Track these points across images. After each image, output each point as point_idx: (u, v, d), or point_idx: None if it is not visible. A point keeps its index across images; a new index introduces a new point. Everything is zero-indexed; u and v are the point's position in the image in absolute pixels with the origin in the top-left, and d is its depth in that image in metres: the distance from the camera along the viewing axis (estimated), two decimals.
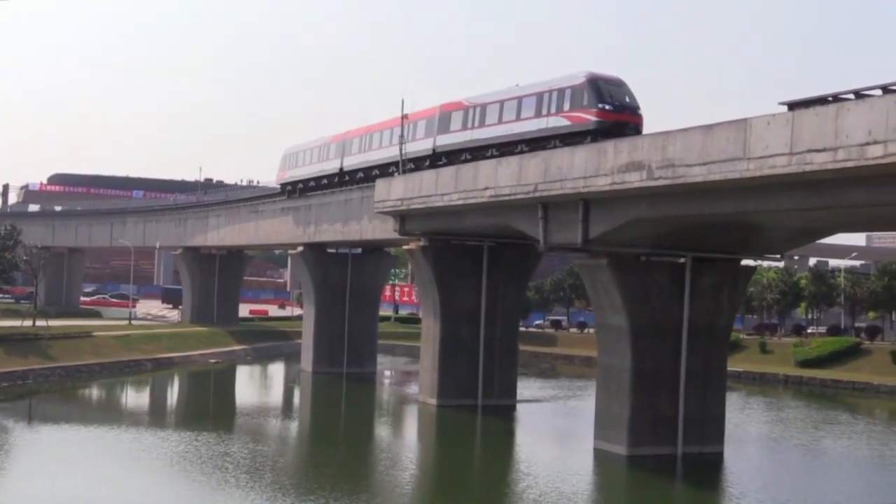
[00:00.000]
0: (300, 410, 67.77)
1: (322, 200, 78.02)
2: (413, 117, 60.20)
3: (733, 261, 49.20)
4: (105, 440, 48.37)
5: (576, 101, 43.85)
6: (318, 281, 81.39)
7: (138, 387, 73.66)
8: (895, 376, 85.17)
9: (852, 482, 46.46)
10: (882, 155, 29.78)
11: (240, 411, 64.23)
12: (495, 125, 50.30)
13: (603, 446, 47.56)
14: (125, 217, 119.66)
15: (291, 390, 77.97)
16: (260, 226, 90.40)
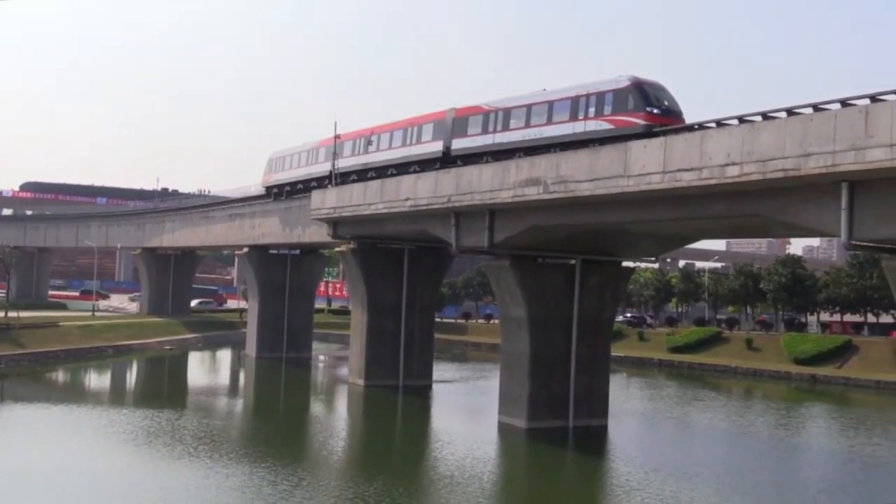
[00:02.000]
0: (245, 390, 67.10)
1: (265, 208, 77.68)
2: (416, 121, 53.82)
3: (616, 262, 49.87)
4: (73, 417, 47.48)
5: (619, 105, 38.92)
6: (262, 278, 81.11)
7: (101, 370, 72.36)
8: (749, 360, 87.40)
9: (715, 448, 47.44)
10: (738, 174, 30.54)
11: (192, 391, 63.47)
12: (521, 129, 44.20)
13: (506, 420, 47.85)
14: (90, 221, 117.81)
15: (237, 373, 77.20)
16: (210, 229, 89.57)
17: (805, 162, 28.46)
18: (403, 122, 55.15)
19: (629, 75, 39.12)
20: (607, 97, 39.26)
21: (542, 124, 42.84)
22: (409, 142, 53.47)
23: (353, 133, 61.05)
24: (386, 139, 56.44)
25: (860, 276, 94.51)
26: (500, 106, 46.07)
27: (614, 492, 35.67)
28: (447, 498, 33.13)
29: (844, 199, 28.63)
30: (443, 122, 50.20)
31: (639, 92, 38.12)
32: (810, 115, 29.57)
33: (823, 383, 79.22)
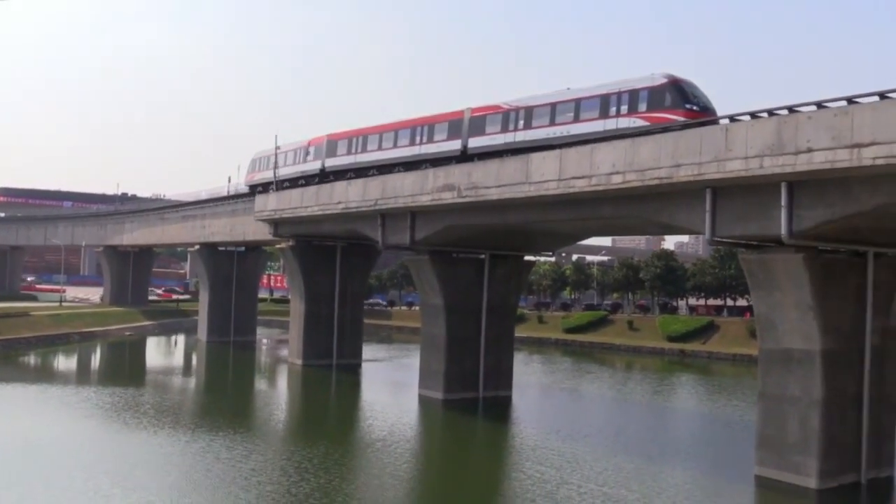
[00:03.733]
0: (198, 369, 65.93)
1: (214, 210, 76.58)
2: (428, 121, 46.79)
3: (519, 257, 50.22)
4: (47, 395, 46.08)
5: (655, 102, 34.28)
6: (212, 272, 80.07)
7: (68, 354, 70.27)
8: (630, 338, 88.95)
9: (604, 412, 48.08)
10: (622, 182, 31.04)
11: (150, 371, 62.20)
12: (546, 127, 38.73)
13: (425, 393, 47.91)
14: (57, 222, 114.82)
15: (190, 355, 75.79)
16: (165, 229, 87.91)
17: (677, 171, 29.05)
18: (411, 122, 48.51)
19: (664, 73, 34.87)
20: (641, 94, 34.88)
21: (568, 122, 37.92)
22: (421, 141, 46.78)
23: (348, 132, 54.16)
24: (390, 138, 49.45)
25: (721, 267, 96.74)
26: (522, 105, 40.87)
27: (518, 450, 35.95)
28: (378, 458, 33.18)
29: (708, 202, 29.27)
30: (459, 121, 44.37)
31: (676, 89, 34.06)
32: (681, 132, 30.20)
33: (691, 357, 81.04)
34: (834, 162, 24.57)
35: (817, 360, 28.48)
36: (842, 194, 26.16)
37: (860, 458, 29.62)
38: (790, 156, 25.65)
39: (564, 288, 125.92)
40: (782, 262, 28.64)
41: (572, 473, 30.66)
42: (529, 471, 31.19)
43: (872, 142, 23.64)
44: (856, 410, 29.64)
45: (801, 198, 26.95)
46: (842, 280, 29.35)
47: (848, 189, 25.98)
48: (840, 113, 24.84)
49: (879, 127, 23.57)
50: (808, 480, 28.22)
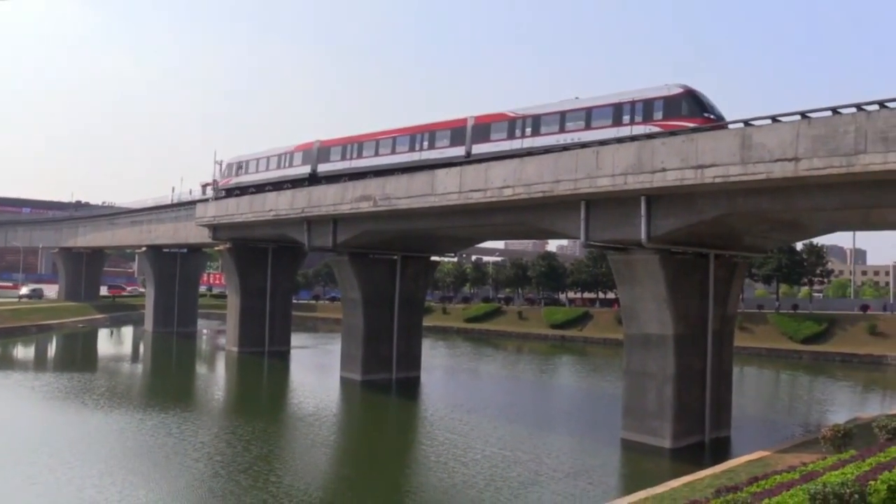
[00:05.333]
0: (145, 356, 63.97)
1: (159, 216, 74.56)
2: (432, 127, 41.77)
3: (426, 257, 50.47)
4: (10, 381, 44.03)
5: (672, 111, 30.72)
6: (157, 270, 78.02)
7: (26, 345, 67.24)
8: (520, 326, 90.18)
9: (498, 389, 48.58)
10: (511, 194, 31.59)
11: (102, 359, 60.00)
12: (555, 134, 34.45)
13: (347, 375, 47.68)
14: (17, 226, 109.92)
15: (138, 344, 73.40)
16: (115, 233, 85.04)
17: (557, 186, 29.76)
18: (410, 129, 43.66)
19: (678, 83, 31.46)
20: (657, 104, 31.34)
21: (579, 129, 33.76)
22: (422, 147, 41.78)
23: (342, 139, 48.65)
24: (388, 145, 44.25)
25: (594, 266, 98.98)
26: (529, 113, 36.50)
27: (429, 421, 36.15)
28: (309, 430, 32.93)
29: (583, 212, 30.08)
30: (462, 128, 39.83)
31: (693, 99, 30.72)
32: (560, 153, 30.87)
33: (570, 341, 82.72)
34: (682, 180, 25.63)
35: (671, 342, 29.55)
36: (688, 206, 27.28)
37: (704, 422, 30.86)
38: (648, 174, 26.63)
39: (465, 284, 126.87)
40: (642, 262, 29.62)
41: (476, 439, 31.05)
42: (440, 438, 31.45)
43: (712, 164, 24.77)
44: (701, 383, 30.86)
45: (657, 209, 27.99)
46: (689, 276, 30.51)
47: (693, 202, 27.11)
48: (687, 140, 25.93)
49: (717, 152, 24.73)
50: (664, 441, 29.25)
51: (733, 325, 34.07)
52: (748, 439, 30.61)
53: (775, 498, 12.08)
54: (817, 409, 43.40)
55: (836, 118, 22.69)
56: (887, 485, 10.98)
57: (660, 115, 30.91)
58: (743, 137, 24.23)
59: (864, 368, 62.18)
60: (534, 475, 25.45)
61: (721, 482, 18.42)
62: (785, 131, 23.37)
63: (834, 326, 72.59)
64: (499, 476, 25.23)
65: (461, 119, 40.08)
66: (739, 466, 22.10)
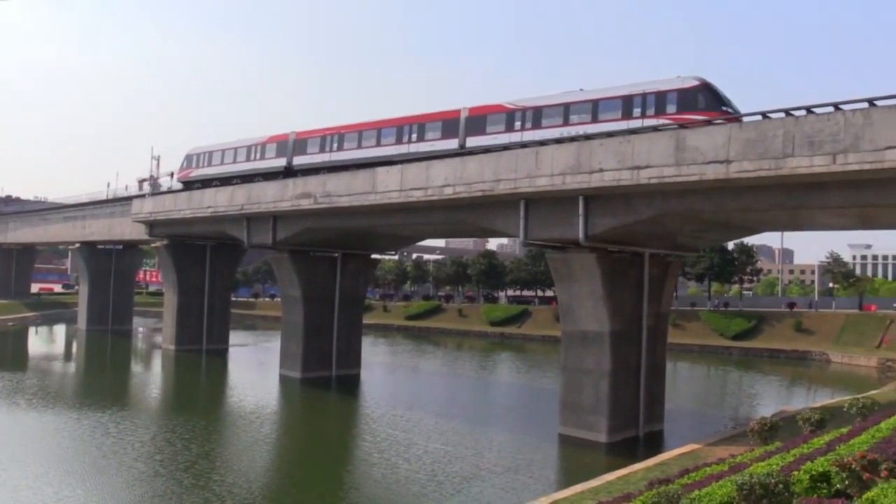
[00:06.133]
0: (78, 355, 62.15)
1: (94, 212, 72.56)
2: (421, 118, 39.48)
3: (367, 255, 50.33)
4: None
5: (687, 104, 29.07)
6: (91, 268, 76.04)
7: None
8: (460, 323, 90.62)
9: (438, 385, 48.86)
10: (452, 193, 31.72)
11: (32, 357, 58.19)
12: (559, 127, 32.41)
13: (286, 373, 47.25)
14: None
15: (71, 343, 71.30)
16: (47, 229, 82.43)
17: (497, 185, 30.01)
18: (397, 120, 41.15)
19: (693, 76, 29.90)
20: (670, 96, 29.80)
21: (585, 122, 31.79)
22: (410, 139, 39.42)
23: (321, 130, 45.80)
24: (371, 136, 41.67)
25: (534, 264, 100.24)
26: (529, 105, 34.46)
27: (370, 417, 36.04)
28: (249, 427, 32.51)
29: (522, 211, 30.37)
30: (455, 120, 37.48)
31: (710, 92, 29.22)
32: (501, 153, 31.13)
33: (509, 338, 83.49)
34: (619, 180, 26.14)
35: (607, 339, 30.11)
36: (625, 206, 27.83)
37: (638, 416, 31.53)
38: (586, 175, 27.07)
39: (405, 281, 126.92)
40: (580, 260, 30.10)
41: (418, 435, 31.13)
42: (382, 434, 31.40)
43: (648, 165, 25.33)
44: (635, 379, 31.51)
45: (594, 208, 28.46)
46: (625, 275, 31.13)
47: (629, 202, 27.68)
48: (624, 141, 26.44)
49: (653, 154, 25.29)
50: (600, 436, 29.78)
51: (667, 322, 34.91)
52: (680, 433, 31.35)
53: (705, 489, 12.46)
54: (746, 403, 44.77)
55: (765, 122, 23.46)
56: (809, 474, 11.43)
57: (673, 109, 29.57)
58: (677, 140, 24.84)
59: (791, 364, 64.38)
60: (475, 470, 25.68)
61: (654, 475, 18.90)
62: (717, 134, 24.05)
63: (762, 323, 74.98)
64: (441, 471, 25.37)
65: (454, 110, 38.00)
66: (672, 459, 22.70)
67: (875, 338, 67.26)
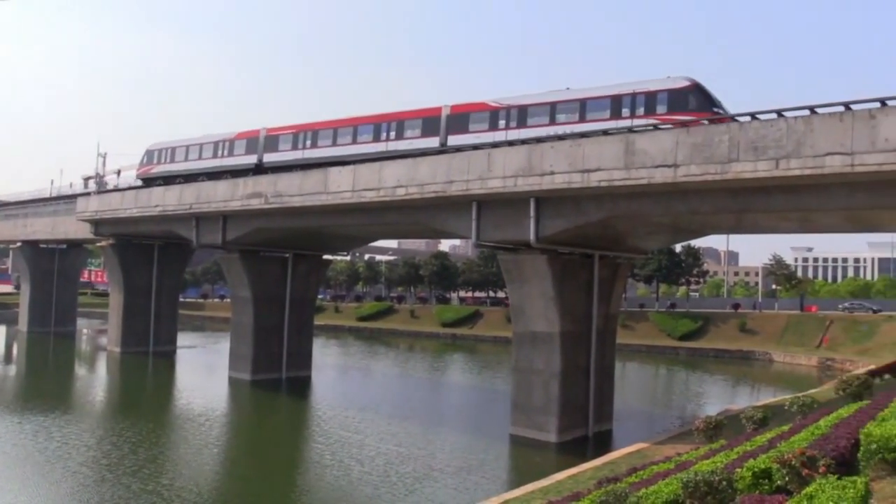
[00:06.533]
0: (18, 358, 60.39)
1: (36, 210, 70.66)
2: (400, 116, 38.49)
3: (319, 256, 50.03)
4: None
5: (678, 104, 28.78)
6: (33, 267, 73.98)
7: None
8: (412, 324, 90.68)
9: (389, 386, 48.61)
10: (405, 194, 31.73)
11: None
12: (545, 126, 31.78)
13: (235, 375, 46.65)
14: None
15: (11, 345, 69.33)
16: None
17: (449, 187, 30.12)
18: (374, 117, 39.92)
19: (682, 76, 29.70)
20: (660, 97, 29.46)
21: (573, 122, 31.25)
22: (388, 137, 38.33)
23: (294, 126, 44.31)
24: (347, 134, 40.47)
25: (485, 266, 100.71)
26: (514, 103, 33.69)
27: (322, 419, 35.82)
28: (198, 431, 31.89)
29: (474, 213, 30.56)
30: (436, 118, 36.51)
31: (701, 92, 28.98)
32: (454, 154, 31.27)
33: (461, 339, 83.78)
34: (570, 183, 26.47)
35: (557, 339, 30.43)
36: (575, 208, 28.19)
37: (588, 416, 31.94)
38: (537, 177, 27.34)
39: (357, 282, 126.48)
40: (531, 261, 30.37)
41: (370, 437, 31.02)
42: (334, 436, 31.23)
43: (598, 168, 25.70)
44: (585, 379, 31.91)
45: (545, 210, 28.77)
46: (575, 276, 31.50)
47: (580, 204, 28.04)
48: (574, 144, 26.78)
49: (603, 157, 25.67)
50: (550, 436, 30.09)
51: (616, 322, 35.42)
52: (629, 432, 31.82)
53: (652, 487, 12.71)
54: (693, 402, 45.66)
55: (711, 127, 23.99)
56: (752, 472, 11.73)
57: (664, 109, 29.29)
58: (627, 143, 25.25)
59: (735, 363, 65.86)
60: (428, 470, 25.74)
61: (603, 474, 19.17)
62: (665, 139, 24.51)
63: (708, 324, 76.56)
64: (394, 472, 25.36)
65: (435, 108, 37.13)
66: (620, 458, 23.04)
67: (815, 338, 69.20)
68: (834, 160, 21.10)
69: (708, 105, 28.64)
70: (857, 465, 11.92)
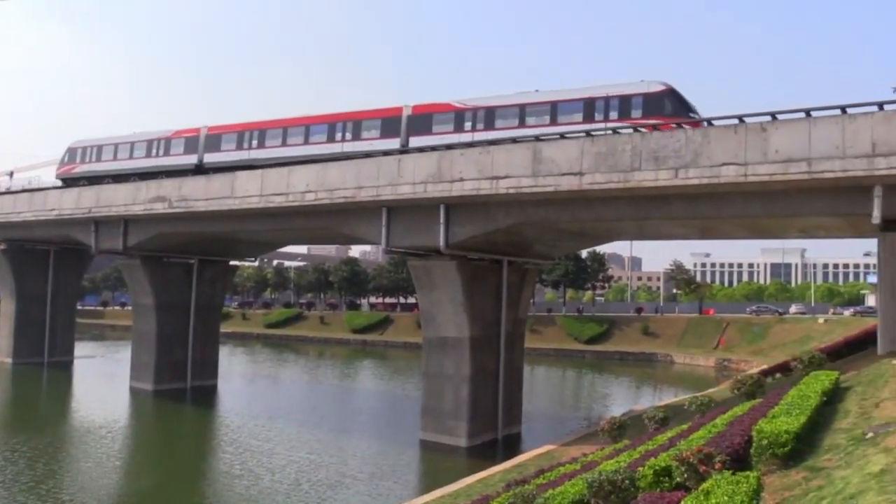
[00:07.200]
0: None
1: None
2: (358, 116, 36.84)
3: (225, 261, 49.02)
4: None
5: (653, 108, 28.29)
6: None
7: None
8: (322, 331, 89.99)
9: (298, 394, 47.88)
10: (314, 199, 31.50)
11: None
12: (514, 128, 30.95)
13: (137, 385, 45.10)
14: None
15: None
16: None
17: (359, 192, 30.03)
18: (329, 117, 38.10)
19: (658, 80, 29.36)
20: (635, 100, 29.00)
21: (543, 125, 30.46)
22: (344, 138, 36.65)
23: (238, 125, 42.07)
24: (298, 134, 38.50)
25: (396, 271, 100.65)
26: (481, 104, 32.76)
27: (230, 429, 34.92)
28: (98, 444, 30.53)
29: (384, 218, 30.57)
30: (396, 118, 35.13)
31: (676, 97, 28.65)
32: (363, 160, 31.21)
33: (371, 345, 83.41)
34: (479, 189, 26.81)
35: (467, 344, 30.71)
36: (484, 215, 28.56)
37: (497, 420, 32.34)
38: (447, 183, 27.58)
39: (266, 289, 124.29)
40: (440, 267, 30.56)
41: (280, 445, 30.52)
42: (244, 445, 30.59)
43: (506, 175, 26.13)
44: (494, 383, 32.31)
45: (455, 217, 29.04)
46: (484, 282, 31.89)
47: (489, 211, 28.43)
48: (484, 151, 27.16)
49: (511, 165, 26.13)
50: (460, 440, 30.30)
51: (524, 327, 36.04)
52: (538, 434, 32.38)
53: (559, 488, 12.99)
54: (599, 403, 46.85)
55: (615, 137, 24.77)
56: (653, 470, 12.16)
57: (639, 113, 28.90)
58: (534, 151, 25.77)
59: (639, 365, 67.97)
60: (340, 477, 25.57)
61: (511, 476, 19.47)
62: (571, 147, 25.15)
63: (613, 328, 78.80)
64: (305, 480, 25.07)
65: (395, 108, 35.90)
66: (529, 460, 23.45)
67: (713, 339, 72.19)
68: (729, 170, 22.13)
69: (683, 110, 28.64)
70: (751, 461, 12.50)
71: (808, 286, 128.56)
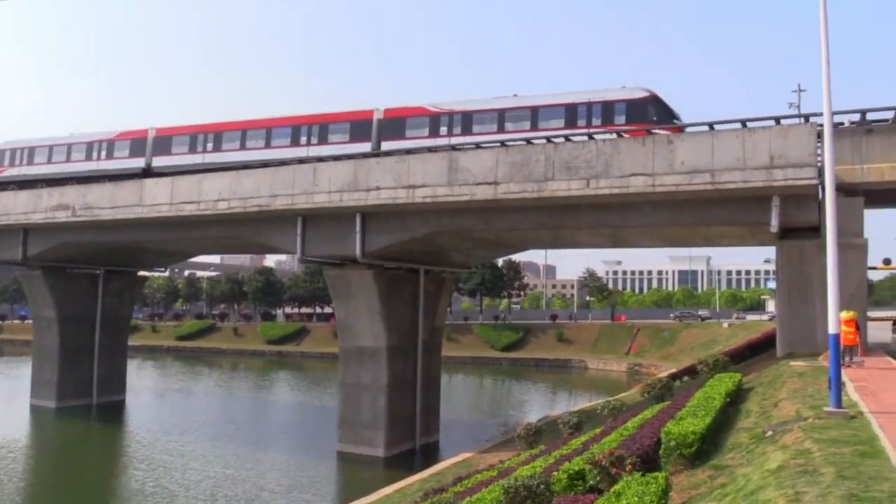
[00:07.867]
0: None
1: None
2: (324, 119, 35.31)
3: (133, 272, 47.58)
4: None
5: (636, 115, 28.01)
6: None
7: None
8: (236, 342, 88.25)
9: (211, 408, 46.52)
10: (227, 208, 30.96)
11: None
12: (493, 133, 30.46)
13: (38, 402, 43.13)
14: None
15: None
16: None
17: (274, 201, 29.64)
18: (292, 119, 36.51)
19: (640, 87, 29.15)
20: (618, 107, 28.71)
21: (524, 130, 30.06)
22: (309, 142, 35.16)
23: (189, 127, 39.71)
24: (259, 136, 36.61)
25: (312, 281, 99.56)
26: (458, 108, 32.04)
27: (141, 445, 33.75)
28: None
29: (299, 227, 30.28)
30: (367, 122, 33.88)
31: (659, 104, 28.45)
32: (279, 168, 30.82)
33: (287, 356, 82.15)
34: (395, 198, 26.87)
35: (384, 354, 30.66)
36: (401, 224, 28.63)
37: (415, 429, 32.39)
38: (363, 192, 27.54)
39: (177, 300, 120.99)
40: (357, 276, 30.45)
41: (195, 460, 29.79)
42: (156, 461, 29.68)
43: (423, 184, 26.28)
44: (412, 392, 32.37)
45: (372, 226, 29.01)
46: (401, 290, 31.94)
47: (405, 220, 28.51)
48: (400, 160, 27.26)
49: (427, 174, 26.30)
50: (378, 451, 30.20)
51: (441, 335, 36.24)
52: (455, 443, 32.57)
53: (476, 495, 13.13)
54: (516, 410, 47.44)
55: (529, 147, 25.25)
56: (567, 474, 12.41)
57: (622, 119, 28.68)
58: (450, 161, 26.01)
59: (554, 371, 69.19)
60: (258, 491, 25.15)
61: (429, 485, 19.51)
62: (487, 157, 25.49)
63: (529, 335, 79.96)
64: (222, 495, 24.52)
65: (366, 110, 34.77)
66: (446, 469, 23.56)
67: (625, 345, 74.15)
68: (638, 180, 22.87)
69: (666, 116, 28.59)
70: (660, 461, 12.91)
71: (713, 292, 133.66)
